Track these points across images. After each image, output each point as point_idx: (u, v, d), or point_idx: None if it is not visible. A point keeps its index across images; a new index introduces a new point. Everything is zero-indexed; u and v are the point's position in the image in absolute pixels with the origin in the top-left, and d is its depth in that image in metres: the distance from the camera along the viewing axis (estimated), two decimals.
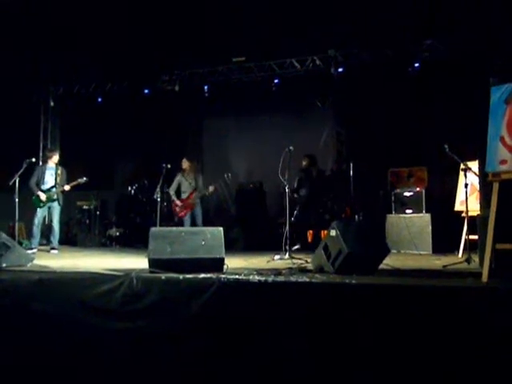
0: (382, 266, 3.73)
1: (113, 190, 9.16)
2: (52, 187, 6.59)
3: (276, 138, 8.29)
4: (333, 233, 3.56)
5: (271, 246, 7.06)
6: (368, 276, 3.36)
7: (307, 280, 3.18)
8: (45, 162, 6.87)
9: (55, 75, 8.80)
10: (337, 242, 3.50)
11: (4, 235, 4.10)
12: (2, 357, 3.49)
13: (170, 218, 7.35)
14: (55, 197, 6.56)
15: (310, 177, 6.94)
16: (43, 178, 6.60)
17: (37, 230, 6.49)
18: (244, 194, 8.47)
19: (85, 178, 6.64)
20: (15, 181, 5.92)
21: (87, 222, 8.07)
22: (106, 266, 4.15)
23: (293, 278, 3.28)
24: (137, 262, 4.66)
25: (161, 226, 5.98)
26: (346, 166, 7.07)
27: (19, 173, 5.94)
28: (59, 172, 6.65)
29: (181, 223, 6.82)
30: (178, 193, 6.96)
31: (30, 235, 6.65)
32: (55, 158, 6.75)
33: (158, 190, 5.92)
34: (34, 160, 6.28)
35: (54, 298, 3.57)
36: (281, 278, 3.29)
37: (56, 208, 6.58)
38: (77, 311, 3.52)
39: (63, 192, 6.66)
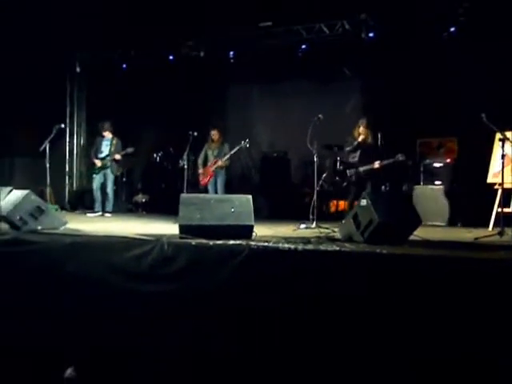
0: (411, 237, 3.69)
1: (138, 157, 9.21)
2: (106, 156, 7.13)
3: (301, 106, 8.14)
4: (363, 202, 3.52)
5: (295, 214, 7.03)
6: (399, 246, 3.33)
7: (337, 249, 3.18)
8: (100, 134, 7.36)
9: (81, 41, 8.75)
10: (367, 212, 3.46)
11: (38, 199, 4.20)
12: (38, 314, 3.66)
13: (195, 186, 7.39)
14: (108, 164, 7.09)
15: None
16: (100, 148, 7.21)
17: (96, 195, 7.09)
18: (268, 162, 8.41)
19: (132, 148, 7.13)
20: (45, 147, 6.00)
21: (114, 188, 8.18)
22: (135, 231, 4.23)
23: (322, 247, 3.28)
24: (165, 228, 4.73)
25: (187, 193, 6.02)
26: (374, 136, 6.88)
27: (49, 138, 6.02)
28: (114, 142, 7.20)
29: (206, 191, 6.88)
30: (206, 162, 7.03)
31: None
32: (107, 129, 7.24)
33: (185, 157, 5.95)
34: (62, 126, 6.40)
35: (85, 261, 3.68)
36: (310, 247, 3.29)
37: (109, 175, 7.11)
38: (108, 274, 3.63)
39: (116, 161, 7.17)
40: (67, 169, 9.55)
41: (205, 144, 7.09)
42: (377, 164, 5.94)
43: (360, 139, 6.14)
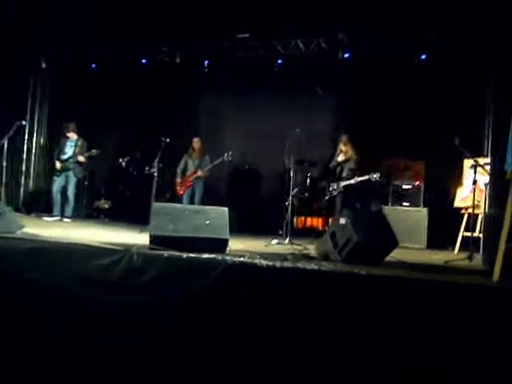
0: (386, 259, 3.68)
1: (103, 160, 8.86)
2: (69, 157, 6.85)
3: (274, 119, 8.14)
4: (342, 221, 3.47)
5: (264, 229, 7.01)
6: (375, 267, 3.30)
7: (315, 267, 3.10)
8: (64, 135, 7.05)
9: (49, 37, 8.37)
10: (346, 231, 3.42)
11: None
12: None
13: (162, 195, 7.17)
14: (71, 166, 6.79)
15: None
16: (63, 149, 6.93)
17: (55, 198, 6.79)
18: (238, 174, 8.32)
19: (97, 150, 6.87)
20: (3, 143, 5.63)
21: (75, 192, 7.80)
22: (99, 239, 3.99)
23: (300, 265, 3.19)
24: (131, 237, 4.51)
25: (155, 202, 5.80)
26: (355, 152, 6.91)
27: (8, 135, 5.66)
28: (79, 144, 6.91)
29: (172, 200, 6.69)
30: (185, 172, 6.91)
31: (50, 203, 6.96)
32: (71, 130, 6.94)
33: (155, 164, 5.73)
34: (24, 123, 6.04)
35: (47, 269, 3.42)
36: (287, 264, 3.19)
37: (71, 178, 6.85)
38: (72, 283, 3.38)
39: (79, 163, 6.86)
40: (24, 168, 9.01)
41: (184, 154, 6.98)
42: (353, 180, 5.97)
43: (339, 158, 6.20)
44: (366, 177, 5.79)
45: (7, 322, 3.26)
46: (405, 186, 6.62)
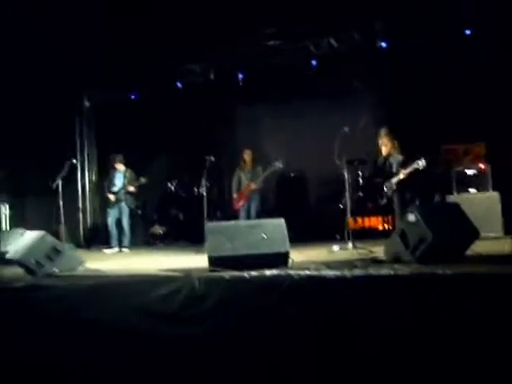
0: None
1: (152, 187, 8.96)
2: (120, 189, 6.98)
3: (313, 123, 7.92)
4: (411, 218, 3.16)
5: (320, 236, 6.73)
6: (457, 264, 2.95)
7: (391, 273, 2.80)
8: (112, 166, 7.23)
9: (88, 76, 8.64)
10: (418, 228, 3.10)
11: (54, 239, 3.91)
12: (53, 367, 3.31)
13: (214, 213, 7.09)
14: (122, 197, 6.90)
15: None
16: (113, 181, 7.07)
17: (112, 230, 6.89)
18: (284, 183, 8.11)
19: (145, 178, 6.96)
20: (57, 183, 5.76)
21: (130, 222, 7.92)
22: (159, 267, 3.90)
23: (372, 271, 2.91)
24: (189, 260, 4.40)
25: (208, 221, 5.71)
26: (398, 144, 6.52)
27: (61, 175, 5.79)
28: (127, 175, 7.05)
29: (226, 218, 6.57)
30: (240, 186, 6.84)
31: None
32: (119, 162, 7.10)
33: (203, 183, 5.64)
34: (74, 161, 6.19)
35: (108, 305, 3.35)
36: (358, 272, 2.92)
37: (124, 209, 6.96)
38: (133, 317, 3.29)
39: (130, 193, 6.98)
40: (80, 205, 9.30)
41: (236, 168, 6.94)
42: (402, 174, 5.54)
43: (384, 152, 5.80)
44: (412, 167, 5.32)
45: (68, 363, 3.20)
46: (469, 172, 6.12)
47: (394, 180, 5.57)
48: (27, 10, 7.54)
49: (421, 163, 5.28)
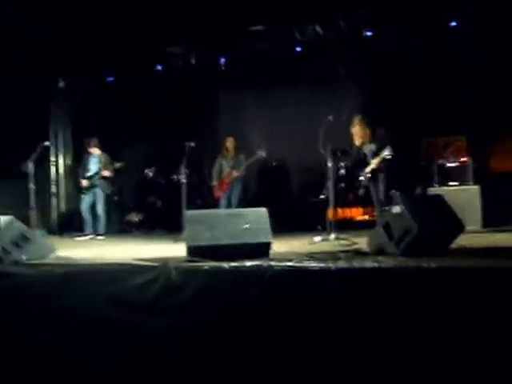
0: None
1: (129, 173, 8.70)
2: (95, 174, 6.75)
3: (297, 112, 7.79)
4: (396, 209, 3.09)
5: (301, 226, 6.67)
6: (441, 258, 2.90)
7: (376, 265, 2.73)
8: (87, 151, 6.95)
9: (64, 57, 8.27)
10: (402, 220, 3.03)
11: (22, 225, 3.70)
12: (23, 357, 3.16)
13: (193, 201, 6.92)
14: (97, 183, 6.69)
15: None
16: (87, 166, 6.83)
17: (86, 216, 6.69)
18: (266, 172, 7.99)
19: (121, 163, 6.76)
20: (29, 167, 5.49)
21: (105, 208, 7.67)
22: (134, 256, 3.75)
23: (356, 264, 2.83)
24: (166, 249, 4.26)
25: (186, 209, 5.54)
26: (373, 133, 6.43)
27: (33, 157, 5.51)
28: (102, 159, 6.78)
29: (206, 206, 6.42)
30: (220, 174, 6.71)
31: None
32: (93, 146, 6.82)
33: (182, 170, 5.47)
34: (47, 143, 5.93)
35: (81, 294, 3.19)
36: (342, 264, 2.84)
37: (99, 194, 6.73)
38: (108, 307, 3.14)
39: (105, 178, 6.72)
40: (54, 190, 8.97)
41: (217, 155, 6.79)
42: (373, 164, 5.41)
43: (357, 142, 5.67)
44: (380, 156, 5.22)
45: (38, 353, 3.05)
46: (450, 164, 6.12)
47: (368, 169, 5.49)
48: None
49: (387, 152, 5.18)
